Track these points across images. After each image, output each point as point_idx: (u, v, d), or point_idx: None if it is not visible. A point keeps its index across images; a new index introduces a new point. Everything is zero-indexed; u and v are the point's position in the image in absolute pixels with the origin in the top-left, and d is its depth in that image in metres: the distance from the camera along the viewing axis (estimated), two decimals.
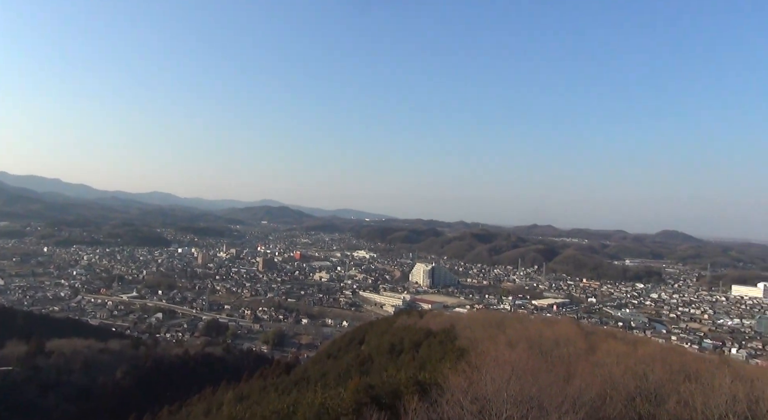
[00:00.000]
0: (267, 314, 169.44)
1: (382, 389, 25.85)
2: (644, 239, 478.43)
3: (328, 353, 77.37)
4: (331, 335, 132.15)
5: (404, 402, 22.36)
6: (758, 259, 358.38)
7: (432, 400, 21.82)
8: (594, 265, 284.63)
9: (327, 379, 46.70)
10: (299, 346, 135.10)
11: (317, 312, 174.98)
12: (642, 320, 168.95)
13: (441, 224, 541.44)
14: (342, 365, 57.96)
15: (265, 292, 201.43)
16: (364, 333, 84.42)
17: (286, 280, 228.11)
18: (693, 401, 25.16)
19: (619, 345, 40.65)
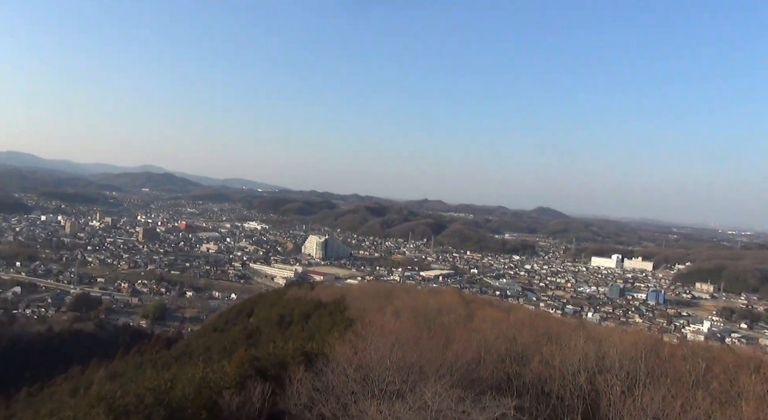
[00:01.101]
0: (147, 287, 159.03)
1: (268, 361, 25.53)
2: (522, 215, 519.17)
3: (214, 326, 74.93)
4: (218, 308, 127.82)
5: (290, 372, 22.30)
6: (613, 234, 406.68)
7: (318, 369, 22.01)
8: (477, 238, 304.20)
9: (211, 353, 45.23)
10: (183, 320, 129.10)
11: (203, 284, 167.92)
12: (516, 289, 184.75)
13: (335, 197, 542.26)
14: (228, 338, 56.49)
15: (146, 264, 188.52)
16: (253, 305, 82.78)
17: (169, 252, 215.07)
18: (552, 360, 28.05)
19: (494, 312, 43.98)
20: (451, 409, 13.47)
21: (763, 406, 17.85)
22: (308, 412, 19.03)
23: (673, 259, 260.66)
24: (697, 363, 24.18)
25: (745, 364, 24.20)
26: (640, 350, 25.86)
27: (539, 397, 27.08)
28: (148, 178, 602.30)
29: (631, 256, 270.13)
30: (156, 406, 17.97)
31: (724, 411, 17.70)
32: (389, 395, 17.47)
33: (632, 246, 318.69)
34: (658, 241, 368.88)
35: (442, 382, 18.87)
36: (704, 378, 22.70)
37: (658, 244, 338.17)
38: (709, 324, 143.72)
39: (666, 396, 15.17)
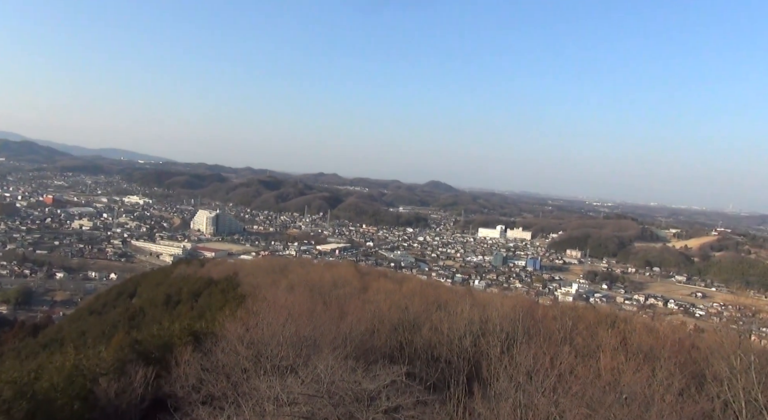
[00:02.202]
0: (6, 269, 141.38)
1: (151, 343, 24.04)
2: (415, 189, 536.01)
3: (91, 309, 68.98)
4: (95, 290, 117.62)
5: (176, 354, 21.18)
6: (498, 207, 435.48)
7: (206, 349, 21.13)
8: (373, 211, 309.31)
9: (87, 339, 41.59)
10: (53, 304, 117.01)
11: (77, 265, 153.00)
12: (410, 260, 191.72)
13: (226, 170, 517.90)
14: (107, 322, 52.37)
15: (3, 243, 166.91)
16: (135, 285, 77.37)
17: (33, 229, 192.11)
18: (441, 326, 29.61)
19: (388, 283, 45.28)
20: (343, 380, 13.61)
21: (617, 355, 20.41)
22: (196, 393, 18.27)
23: (548, 229, 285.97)
24: (565, 322, 26.92)
25: (603, 321, 27.44)
26: (518, 313, 28.14)
27: (429, 362, 28.54)
28: (4, 146, 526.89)
29: (513, 226, 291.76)
30: (17, 400, 16.15)
31: (586, 362, 19.93)
32: (283, 371, 17.28)
33: (514, 217, 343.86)
34: (536, 212, 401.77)
35: (336, 354, 19.08)
36: (570, 334, 25.37)
37: (536, 216, 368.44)
38: (577, 286, 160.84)
39: (537, 352, 16.64)
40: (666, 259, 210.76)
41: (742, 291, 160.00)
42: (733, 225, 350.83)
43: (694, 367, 20.00)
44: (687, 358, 20.56)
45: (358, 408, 13.07)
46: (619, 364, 19.06)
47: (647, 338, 22.18)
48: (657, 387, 16.22)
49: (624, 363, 19.30)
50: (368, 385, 13.25)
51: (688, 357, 20.68)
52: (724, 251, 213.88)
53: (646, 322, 29.10)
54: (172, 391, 18.72)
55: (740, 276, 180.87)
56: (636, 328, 23.56)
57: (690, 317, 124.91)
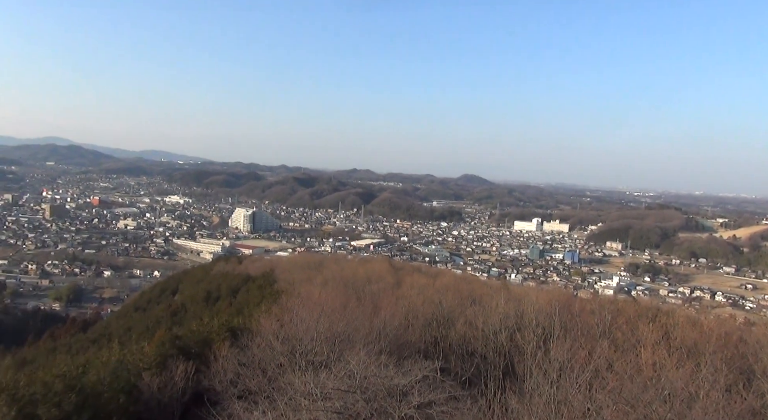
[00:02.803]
0: (58, 268, 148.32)
1: (191, 339, 24.71)
2: (449, 183, 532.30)
3: (136, 306, 71.59)
4: (140, 287, 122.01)
5: (214, 349, 21.72)
6: (534, 199, 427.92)
7: (243, 344, 21.59)
8: (407, 206, 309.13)
9: (132, 334, 43.20)
10: (101, 301, 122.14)
11: (123, 263, 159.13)
12: (445, 255, 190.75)
13: (262, 168, 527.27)
14: (151, 318, 54.22)
15: (55, 243, 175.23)
16: (177, 282, 79.79)
17: (82, 230, 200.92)
18: (476, 321, 29.33)
19: (422, 278, 45.15)
20: (375, 375, 13.65)
21: (659, 350, 19.72)
22: (233, 387, 18.69)
23: (587, 221, 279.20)
24: (603, 316, 26.21)
25: (644, 315, 26.56)
26: (554, 307, 27.57)
27: (464, 357, 28.32)
28: (53, 151, 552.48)
29: (549, 219, 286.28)
30: (66, 393, 16.87)
31: (625, 357, 19.34)
32: (316, 366, 17.48)
33: (550, 210, 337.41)
34: (573, 204, 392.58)
35: (369, 349, 19.16)
36: (609, 329, 24.68)
37: (573, 207, 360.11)
38: (618, 279, 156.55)
39: (573, 347, 16.26)
40: (713, 249, 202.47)
41: None
42: None
43: (742, 363, 19.12)
44: (734, 353, 19.67)
45: (391, 403, 13.09)
46: (661, 359, 18.41)
47: (691, 332, 21.34)
48: (701, 383, 15.59)
49: (666, 358, 18.63)
50: (400, 381, 13.25)
51: (736, 352, 19.79)
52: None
53: (690, 315, 28.00)
54: (211, 385, 19.20)
55: None
56: (679, 322, 22.70)
57: (739, 310, 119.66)
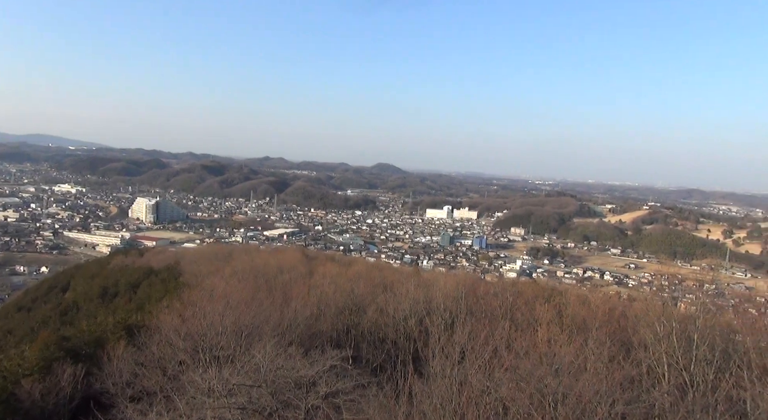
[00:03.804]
0: None
1: (82, 339, 22.85)
2: (363, 171, 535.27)
3: (19, 306, 64.88)
4: (24, 285, 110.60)
5: (108, 350, 20.22)
6: (445, 187, 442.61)
7: (141, 343, 20.29)
8: (321, 195, 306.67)
9: (13, 337, 39.08)
10: None
11: (2, 258, 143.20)
12: (359, 243, 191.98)
13: (166, 155, 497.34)
14: (37, 318, 49.37)
15: None
16: (69, 278, 73.34)
17: None
18: (387, 308, 29.78)
19: (334, 267, 45.05)
20: (282, 367, 13.36)
21: (552, 327, 21.22)
22: (129, 389, 17.53)
23: (493, 208, 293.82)
24: (505, 298, 27.71)
25: (541, 295, 28.46)
26: (461, 291, 28.74)
27: (375, 344, 28.69)
28: None
29: (459, 206, 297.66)
30: None
31: (523, 336, 20.59)
32: (221, 361, 16.82)
33: (460, 198, 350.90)
34: (481, 192, 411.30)
35: (277, 341, 18.75)
36: (510, 310, 26.16)
37: (481, 195, 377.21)
38: (521, 262, 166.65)
39: (475, 329, 17.00)
40: (602, 233, 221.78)
41: (669, 261, 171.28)
42: (662, 199, 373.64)
43: (622, 335, 21.07)
44: (617, 327, 21.62)
45: (298, 395, 12.89)
46: (554, 336, 19.81)
47: (581, 310, 23.18)
48: (588, 355, 16.96)
49: (559, 334, 20.09)
50: (308, 371, 13.08)
51: (618, 326, 21.77)
52: (654, 224, 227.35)
53: (581, 294, 30.48)
54: (104, 388, 17.90)
55: (668, 247, 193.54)
56: (570, 301, 24.58)
57: (623, 288, 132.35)
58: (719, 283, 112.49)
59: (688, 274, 56.11)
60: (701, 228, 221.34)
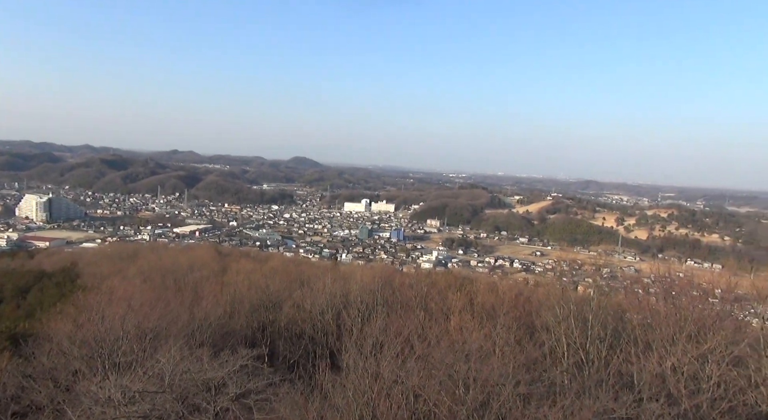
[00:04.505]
0: None
1: None
2: (279, 165, 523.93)
3: None
4: None
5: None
6: (363, 181, 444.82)
7: (28, 353, 18.44)
8: (235, 190, 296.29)
9: None
10: None
11: None
12: (276, 238, 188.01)
13: (59, 148, 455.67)
14: None
15: None
16: None
17: None
18: (304, 303, 29.43)
19: (249, 263, 43.79)
20: (188, 370, 12.70)
21: (464, 315, 22.05)
22: (15, 404, 15.85)
23: (410, 201, 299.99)
24: (420, 288, 28.41)
25: (453, 284, 29.48)
26: (377, 283, 29.03)
27: (292, 340, 28.27)
28: None
29: (377, 200, 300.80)
30: None
31: (437, 324, 21.22)
32: (121, 368, 15.69)
33: (378, 191, 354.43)
34: (398, 185, 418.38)
35: (186, 342, 17.84)
36: (425, 300, 26.87)
37: (398, 188, 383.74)
38: (436, 253, 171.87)
39: (390, 320, 17.23)
40: (511, 223, 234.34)
41: (569, 248, 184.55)
42: (564, 190, 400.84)
43: (527, 319, 22.36)
44: (522, 312, 22.90)
45: (206, 398, 12.34)
46: (466, 323, 20.58)
47: (490, 297, 24.28)
48: (497, 340, 17.82)
49: (470, 321, 20.89)
50: (216, 373, 12.54)
51: (523, 310, 23.05)
52: (557, 214, 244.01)
53: (490, 281, 31.99)
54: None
55: (569, 235, 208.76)
56: (480, 289, 25.65)
57: (531, 274, 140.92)
58: (613, 266, 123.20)
59: (586, 259, 60.84)
60: (597, 216, 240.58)
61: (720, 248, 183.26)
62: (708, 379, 14.32)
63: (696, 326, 17.10)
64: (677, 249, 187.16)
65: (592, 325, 18.96)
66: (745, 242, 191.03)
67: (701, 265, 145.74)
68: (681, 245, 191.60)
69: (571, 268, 37.22)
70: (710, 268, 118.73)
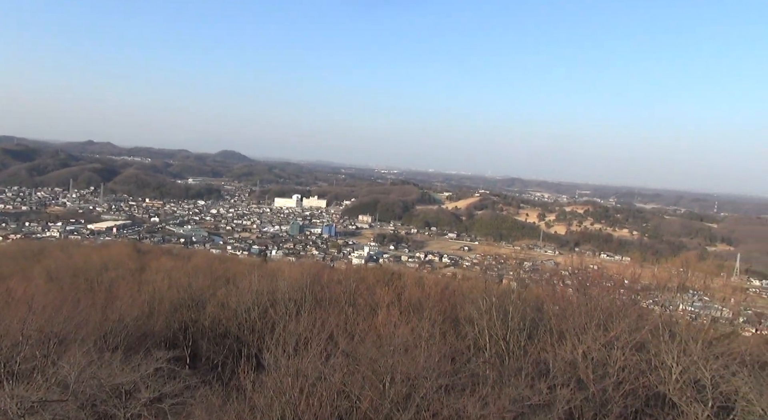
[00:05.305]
0: None
1: None
2: (206, 158, 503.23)
3: None
4: None
5: None
6: (294, 176, 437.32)
7: None
8: (157, 184, 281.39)
9: None
10: None
11: None
12: (202, 234, 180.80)
13: None
14: None
15: None
16: None
17: None
18: (229, 301, 28.52)
19: (170, 261, 41.73)
20: (95, 376, 11.85)
21: (392, 310, 22.25)
22: None
23: (342, 196, 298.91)
24: (349, 285, 28.38)
25: (382, 280, 29.70)
26: (306, 280, 28.67)
27: (216, 340, 27.32)
28: None
29: (308, 195, 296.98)
30: None
31: (365, 320, 21.27)
32: (18, 376, 14.37)
33: (309, 186, 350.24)
34: (330, 180, 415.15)
35: (96, 346, 16.71)
36: (353, 296, 26.88)
37: (330, 184, 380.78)
38: (368, 249, 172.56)
39: (318, 316, 17.03)
40: (441, 219, 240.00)
41: (495, 242, 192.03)
42: (490, 187, 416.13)
43: (453, 312, 22.98)
44: (448, 305, 23.50)
45: (116, 404, 11.57)
46: (394, 318, 20.78)
47: (417, 291, 24.68)
48: (423, 333, 18.12)
49: (398, 316, 21.12)
50: (127, 378, 11.79)
51: (449, 304, 23.67)
52: (484, 210, 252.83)
53: (417, 276, 32.54)
54: None
55: (495, 230, 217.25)
56: (408, 284, 26.01)
57: (459, 268, 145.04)
58: (535, 260, 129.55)
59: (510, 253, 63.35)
60: (521, 212, 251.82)
61: (629, 242, 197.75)
62: (614, 363, 15.36)
63: (604, 315, 18.31)
64: (592, 243, 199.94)
65: (512, 317, 19.77)
66: (651, 236, 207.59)
67: (613, 258, 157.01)
68: (595, 239, 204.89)
69: (496, 263, 38.63)
70: (620, 261, 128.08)
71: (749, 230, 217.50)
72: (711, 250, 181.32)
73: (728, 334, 20.75)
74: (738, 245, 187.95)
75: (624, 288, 23.88)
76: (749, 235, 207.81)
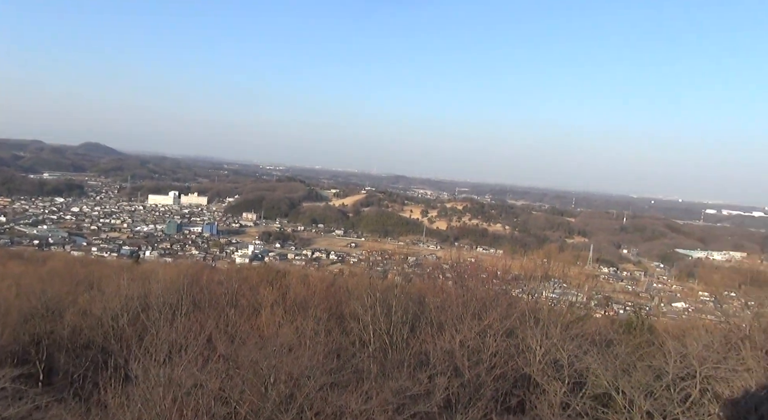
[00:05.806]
0: None
1: None
2: (65, 151, 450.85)
3: None
4: None
5: None
6: (170, 171, 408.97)
7: None
8: (5, 179, 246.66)
9: None
10: None
11: None
12: (61, 235, 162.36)
13: None
14: None
15: None
16: None
17: None
18: (92, 308, 25.88)
19: (19, 266, 36.82)
20: None
21: (277, 310, 21.76)
22: None
23: (225, 193, 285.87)
24: (230, 285, 27.17)
25: (265, 279, 28.90)
26: (183, 281, 26.94)
27: (77, 352, 24.72)
28: None
29: (187, 192, 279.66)
30: None
31: (247, 321, 20.54)
32: None
33: (188, 182, 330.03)
34: (211, 177, 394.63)
35: None
36: (235, 297, 25.80)
37: (211, 180, 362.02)
38: (253, 247, 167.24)
39: (197, 320, 16.09)
40: (328, 216, 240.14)
41: (381, 239, 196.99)
42: (376, 184, 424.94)
43: (338, 309, 23.08)
44: (334, 302, 23.56)
45: None
46: (278, 318, 20.33)
47: (302, 289, 24.39)
48: (308, 332, 17.93)
49: (283, 315, 20.71)
50: None
51: (335, 301, 23.73)
52: (370, 207, 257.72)
53: (302, 274, 32.23)
54: None
55: (381, 226, 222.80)
56: (293, 282, 25.62)
57: (346, 265, 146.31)
58: (418, 255, 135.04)
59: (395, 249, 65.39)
60: (406, 209, 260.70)
61: (502, 236, 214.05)
62: (487, 350, 16.49)
63: (479, 305, 19.59)
64: (470, 237, 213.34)
65: (395, 311, 20.34)
66: (520, 230, 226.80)
67: (488, 251, 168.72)
68: (473, 234, 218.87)
69: (382, 258, 39.67)
70: (494, 254, 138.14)
71: (599, 223, 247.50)
72: (569, 242, 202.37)
73: (582, 317, 23.33)
74: (591, 237, 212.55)
75: (497, 279, 25.80)
76: (599, 227, 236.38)
